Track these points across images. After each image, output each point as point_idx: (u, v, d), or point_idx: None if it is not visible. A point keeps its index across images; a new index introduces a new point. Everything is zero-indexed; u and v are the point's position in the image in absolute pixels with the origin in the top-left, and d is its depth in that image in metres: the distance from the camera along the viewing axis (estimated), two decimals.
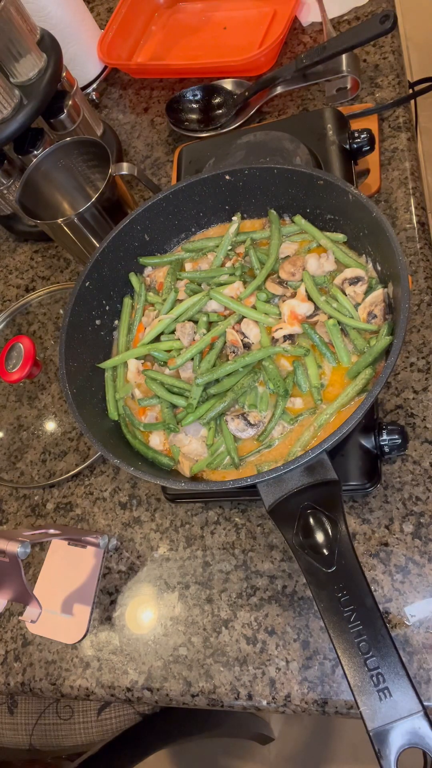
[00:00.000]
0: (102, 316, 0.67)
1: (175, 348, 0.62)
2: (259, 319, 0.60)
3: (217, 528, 0.68)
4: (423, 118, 0.80)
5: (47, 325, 0.90)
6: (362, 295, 0.58)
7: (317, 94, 0.92)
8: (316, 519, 0.48)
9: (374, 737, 0.41)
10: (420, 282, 0.72)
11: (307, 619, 0.61)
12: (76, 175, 0.83)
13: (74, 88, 0.88)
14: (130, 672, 0.64)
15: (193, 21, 1.09)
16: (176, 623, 0.64)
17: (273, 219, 0.65)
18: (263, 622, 0.62)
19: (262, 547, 0.65)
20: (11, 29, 0.75)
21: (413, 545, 0.61)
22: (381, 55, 0.91)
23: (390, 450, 0.60)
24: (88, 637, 0.66)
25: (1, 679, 0.68)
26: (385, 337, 0.54)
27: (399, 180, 0.80)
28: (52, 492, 0.77)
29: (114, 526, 0.72)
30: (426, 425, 0.65)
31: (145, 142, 1.01)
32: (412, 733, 0.41)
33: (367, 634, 0.44)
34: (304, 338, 0.59)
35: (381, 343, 0.54)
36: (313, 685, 0.58)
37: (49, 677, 0.66)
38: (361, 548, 0.62)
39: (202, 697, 0.61)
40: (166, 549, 0.68)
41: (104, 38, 1.04)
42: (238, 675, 0.60)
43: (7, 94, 0.77)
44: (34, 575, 0.70)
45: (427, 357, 0.68)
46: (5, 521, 0.77)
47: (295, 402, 0.57)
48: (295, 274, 0.61)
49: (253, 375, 0.58)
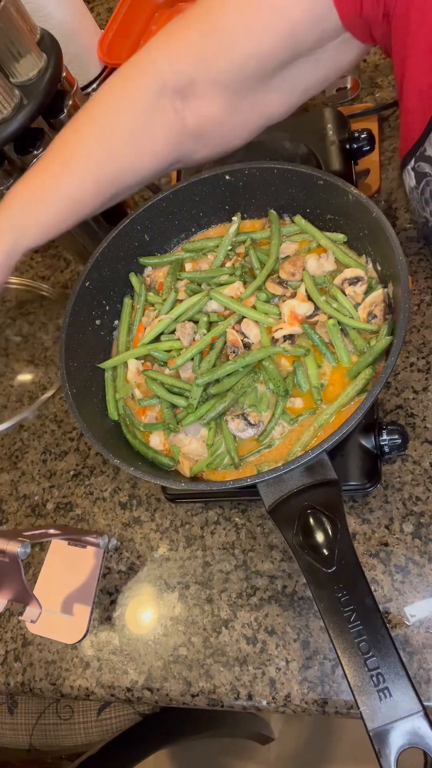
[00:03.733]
0: (102, 316, 0.67)
1: (175, 348, 0.62)
2: (259, 319, 0.60)
3: (217, 528, 0.68)
4: None
5: (47, 325, 0.90)
6: (362, 295, 0.58)
7: (317, 94, 0.92)
8: (316, 519, 0.48)
9: (374, 737, 0.41)
10: (420, 282, 0.72)
11: (307, 619, 0.61)
12: None
13: (74, 88, 0.88)
14: (130, 672, 0.64)
15: None
16: (176, 623, 0.64)
17: (273, 219, 0.65)
18: (263, 622, 0.62)
19: (262, 547, 0.65)
20: (11, 29, 0.74)
21: (413, 545, 0.61)
22: (381, 55, 0.91)
23: (390, 450, 0.60)
24: (88, 637, 0.66)
25: (1, 679, 0.68)
26: (385, 337, 0.54)
27: (399, 180, 0.80)
28: (52, 492, 0.77)
29: (114, 526, 0.72)
30: (426, 425, 0.65)
31: None
32: (412, 733, 0.41)
33: (367, 634, 0.44)
34: (304, 338, 0.59)
35: (381, 343, 0.54)
36: (313, 685, 0.58)
37: (49, 677, 0.66)
38: (361, 548, 0.62)
39: (202, 697, 0.61)
40: (166, 549, 0.68)
41: (104, 38, 1.04)
42: (238, 675, 0.60)
43: (7, 94, 0.77)
44: (34, 575, 0.70)
45: (427, 357, 0.68)
46: (5, 521, 0.77)
47: (295, 402, 0.57)
48: (295, 274, 0.61)
49: (253, 375, 0.58)
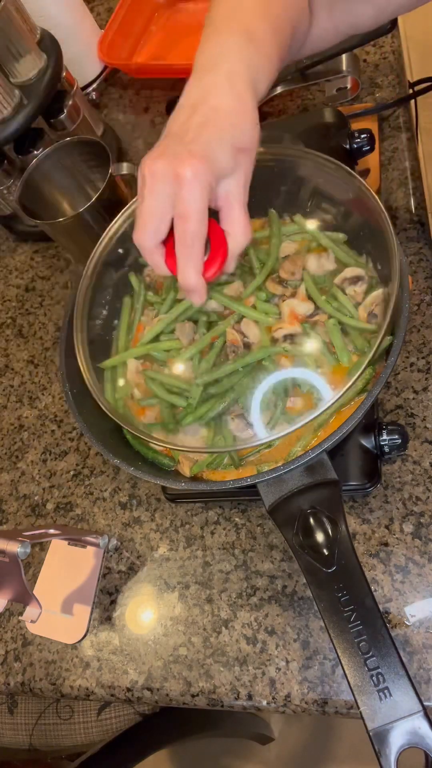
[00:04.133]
0: (102, 316, 0.67)
1: (174, 348, 0.62)
2: (259, 319, 0.60)
3: (217, 528, 0.68)
4: (423, 118, 0.80)
5: (47, 325, 0.90)
6: (362, 295, 0.58)
7: (317, 94, 0.92)
8: (316, 519, 0.48)
9: (374, 737, 0.41)
10: (420, 282, 0.72)
11: (307, 619, 0.61)
12: (76, 175, 0.83)
13: (74, 88, 0.88)
14: (130, 672, 0.64)
15: (193, 21, 1.09)
16: (176, 623, 0.64)
17: (273, 218, 0.65)
18: (263, 622, 0.62)
19: (262, 547, 0.65)
20: (11, 29, 0.75)
21: (413, 545, 0.60)
22: (381, 55, 0.91)
23: (390, 450, 0.60)
24: (88, 637, 0.66)
25: (1, 679, 0.68)
26: (386, 338, 0.54)
27: (399, 180, 0.80)
28: (52, 492, 0.77)
29: (114, 526, 0.72)
30: (426, 425, 0.65)
31: (145, 142, 1.01)
32: (412, 733, 0.41)
33: (367, 634, 0.44)
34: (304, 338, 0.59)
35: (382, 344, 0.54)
36: (313, 685, 0.58)
37: (49, 677, 0.66)
38: (361, 548, 0.62)
39: (202, 697, 0.61)
40: (166, 549, 0.68)
41: (104, 38, 1.04)
42: (238, 675, 0.60)
43: (7, 94, 0.77)
44: (34, 575, 0.70)
45: (427, 357, 0.68)
46: (5, 521, 0.77)
47: (296, 402, 0.57)
48: (295, 273, 0.61)
49: (253, 375, 0.58)
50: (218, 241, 0.47)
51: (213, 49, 0.47)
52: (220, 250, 0.47)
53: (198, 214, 0.43)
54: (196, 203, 0.42)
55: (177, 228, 0.44)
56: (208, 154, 0.43)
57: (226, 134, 0.44)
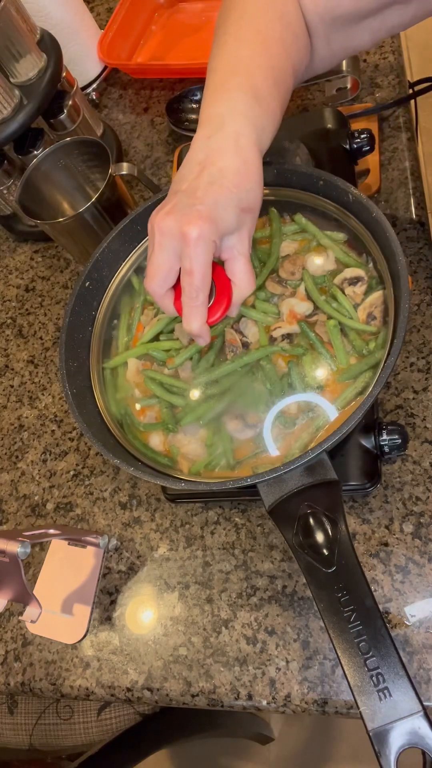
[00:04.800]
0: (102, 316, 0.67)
1: (174, 347, 0.62)
2: (258, 319, 0.60)
3: (217, 528, 0.68)
4: (423, 118, 0.80)
5: (47, 325, 0.90)
6: (362, 296, 0.58)
7: (317, 94, 0.92)
8: (316, 519, 0.48)
9: (374, 737, 0.41)
10: (420, 282, 0.72)
11: (307, 619, 0.61)
12: (76, 175, 0.83)
13: (74, 88, 0.88)
14: (130, 672, 0.64)
15: (193, 21, 1.09)
16: (176, 623, 0.64)
17: (274, 217, 0.65)
18: (263, 622, 0.62)
19: (262, 547, 0.65)
20: (11, 29, 0.75)
21: (413, 545, 0.60)
22: (381, 55, 0.91)
23: (390, 450, 0.60)
24: (88, 637, 0.66)
25: (1, 679, 0.68)
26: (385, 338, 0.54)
27: (399, 180, 0.80)
28: (52, 492, 0.77)
29: (114, 526, 0.72)
30: (426, 425, 0.65)
31: (145, 142, 1.01)
32: (411, 733, 0.41)
33: (367, 634, 0.44)
34: (302, 337, 0.59)
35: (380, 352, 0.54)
36: (313, 685, 0.58)
37: (49, 677, 0.66)
38: (361, 548, 0.62)
39: (202, 697, 0.61)
40: (166, 549, 0.68)
41: (104, 38, 1.04)
42: (238, 675, 0.60)
43: (7, 94, 0.77)
44: (34, 575, 0.70)
45: (427, 357, 0.68)
46: (5, 521, 0.77)
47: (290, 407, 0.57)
48: (295, 273, 0.61)
49: (251, 375, 0.58)
50: (223, 287, 0.50)
51: (220, 107, 0.49)
52: (224, 296, 0.50)
53: (202, 270, 0.46)
54: (200, 261, 0.45)
55: (183, 281, 0.47)
56: (214, 214, 0.45)
57: (232, 195, 0.46)
